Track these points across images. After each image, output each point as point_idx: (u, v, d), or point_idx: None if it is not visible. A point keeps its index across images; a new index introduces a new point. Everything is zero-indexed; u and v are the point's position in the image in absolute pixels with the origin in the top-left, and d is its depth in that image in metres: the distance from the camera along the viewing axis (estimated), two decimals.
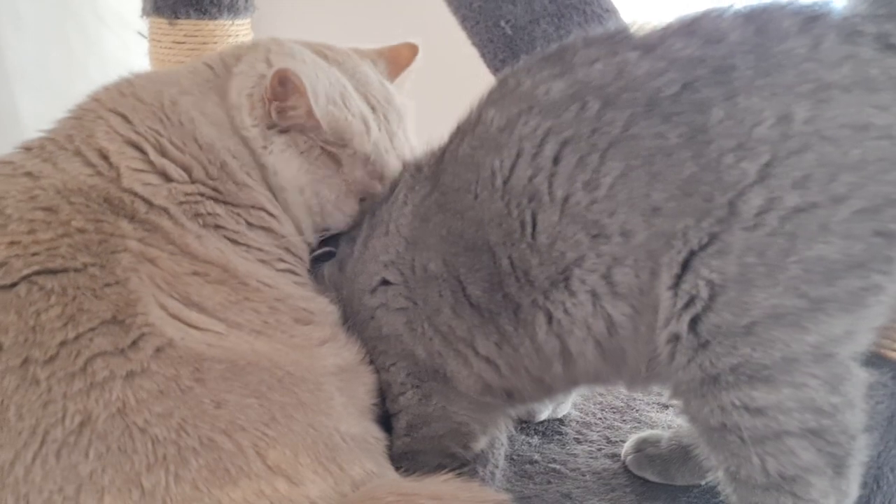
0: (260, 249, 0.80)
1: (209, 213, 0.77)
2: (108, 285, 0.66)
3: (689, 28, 0.66)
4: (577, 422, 1.02)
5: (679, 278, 0.62)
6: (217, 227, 0.77)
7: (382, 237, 0.80)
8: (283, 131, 0.83)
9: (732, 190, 0.60)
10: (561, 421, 1.02)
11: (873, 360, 0.65)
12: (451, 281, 0.74)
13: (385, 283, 0.79)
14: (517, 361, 0.74)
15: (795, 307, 0.60)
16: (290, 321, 0.77)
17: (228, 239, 0.78)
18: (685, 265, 0.62)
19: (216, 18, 1.17)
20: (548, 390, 0.80)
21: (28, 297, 0.63)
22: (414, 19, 1.03)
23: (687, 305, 0.62)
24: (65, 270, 0.65)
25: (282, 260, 0.83)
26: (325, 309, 0.83)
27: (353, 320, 0.83)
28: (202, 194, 0.78)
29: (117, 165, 0.75)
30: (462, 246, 0.72)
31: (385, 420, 0.84)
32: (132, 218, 0.72)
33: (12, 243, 0.65)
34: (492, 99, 0.74)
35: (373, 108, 0.89)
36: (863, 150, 0.59)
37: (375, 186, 0.88)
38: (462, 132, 0.76)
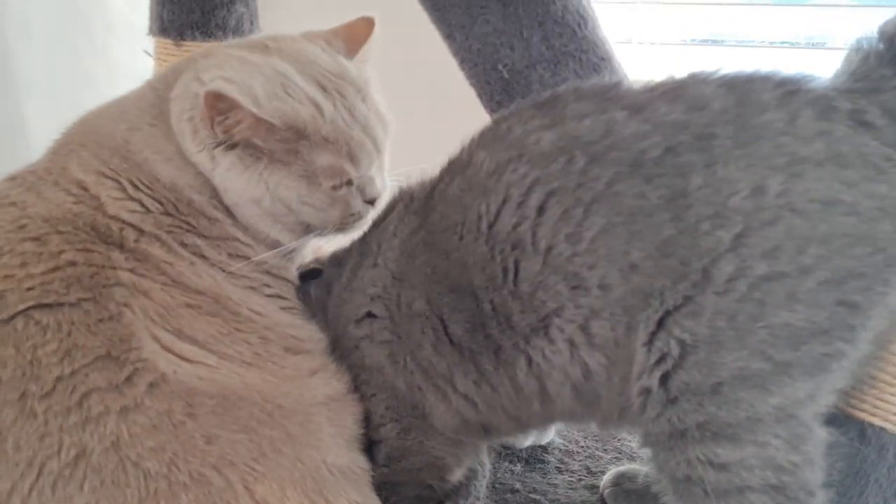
0: (246, 277, 0.82)
1: (193, 244, 0.79)
2: (101, 321, 0.68)
3: (676, 92, 0.70)
4: (560, 450, 1.05)
5: (653, 335, 0.66)
6: (203, 257, 0.79)
7: (370, 269, 0.82)
8: (231, 147, 0.79)
9: (707, 256, 0.63)
10: (544, 448, 1.04)
11: (835, 418, 0.68)
12: (433, 319, 0.76)
13: (371, 315, 0.82)
14: (495, 400, 0.77)
15: (761, 370, 0.63)
16: (281, 351, 0.80)
17: (217, 267, 0.80)
18: (660, 323, 0.65)
19: (221, 40, 1.19)
20: (524, 427, 0.83)
21: (25, 332, 0.65)
22: (419, 24, 1.04)
23: (658, 362, 0.65)
24: (59, 305, 0.67)
25: (267, 285, 0.84)
26: (314, 336, 0.85)
27: (337, 345, 0.86)
28: (181, 227, 0.79)
29: (97, 195, 0.76)
30: (446, 286, 0.75)
31: (370, 448, 0.86)
32: (122, 247, 0.74)
33: (6, 277, 0.67)
34: (483, 142, 0.77)
35: (323, 88, 0.82)
36: (830, 225, 0.62)
37: (347, 168, 0.82)
38: (452, 172, 0.78)
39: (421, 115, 0.95)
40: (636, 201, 0.66)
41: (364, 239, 0.87)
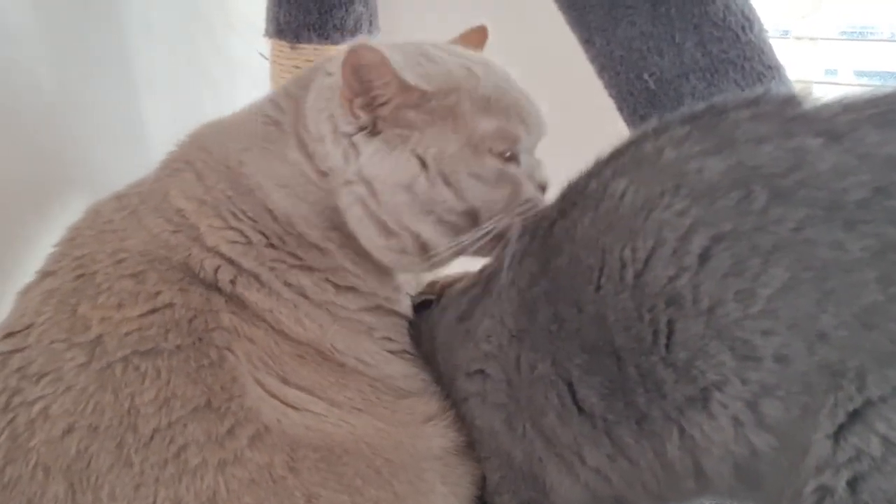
0: (353, 319, 0.74)
1: (297, 284, 0.72)
2: (202, 367, 0.63)
3: (887, 116, 0.55)
4: None
5: (844, 427, 0.52)
6: (307, 297, 0.72)
7: (486, 318, 0.71)
8: (375, 133, 0.70)
9: None
10: None
11: None
12: (559, 384, 0.65)
13: (483, 372, 0.71)
14: (634, 476, 0.65)
15: None
16: (392, 398, 0.73)
17: (323, 308, 0.73)
18: (856, 414, 0.52)
19: (338, 43, 1.13)
20: (666, 503, 0.71)
21: (124, 378, 0.62)
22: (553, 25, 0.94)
23: (850, 461, 0.52)
24: (158, 352, 0.63)
25: (374, 328, 0.76)
26: (429, 388, 0.77)
27: (448, 393, 0.77)
28: (284, 262, 0.72)
29: (196, 224, 0.70)
30: (577, 345, 0.63)
31: None
32: (219, 290, 0.68)
33: (104, 319, 0.64)
34: (622, 168, 0.64)
35: (469, 62, 0.74)
36: None
37: (518, 130, 0.72)
38: (581, 205, 0.65)
39: (552, 128, 0.83)
40: (832, 253, 0.52)
41: (481, 275, 0.76)
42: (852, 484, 0.52)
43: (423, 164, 0.69)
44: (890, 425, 0.50)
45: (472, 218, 0.72)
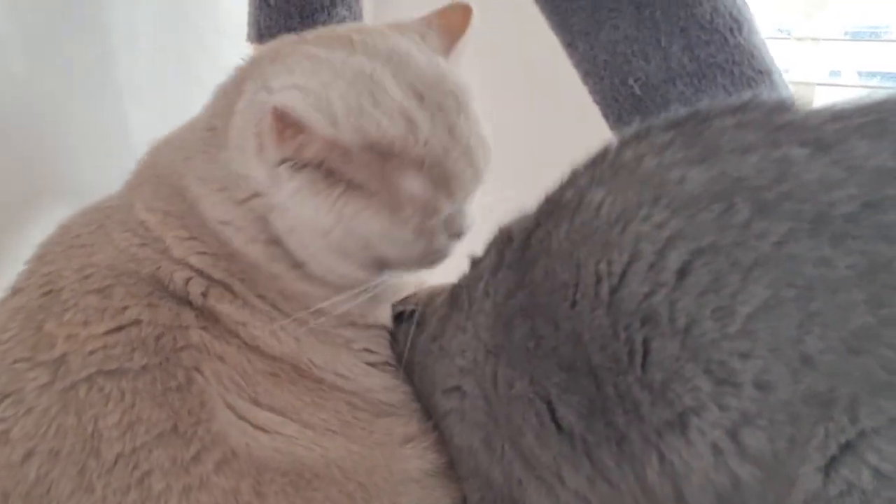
0: (329, 332, 0.72)
1: (271, 296, 0.69)
2: (168, 390, 0.61)
3: (879, 126, 0.51)
4: None
5: (836, 460, 0.48)
6: (280, 310, 0.69)
7: (459, 334, 0.68)
8: (301, 166, 0.64)
9: None
10: None
11: None
12: (537, 403, 0.62)
13: (460, 389, 0.68)
14: (615, 500, 0.62)
15: None
16: (370, 416, 0.70)
17: (297, 322, 0.70)
18: (847, 446, 0.48)
19: None
20: None
21: (87, 399, 0.59)
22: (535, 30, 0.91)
23: (842, 495, 0.48)
24: (123, 372, 0.60)
25: (352, 340, 0.74)
26: (408, 402, 0.75)
27: (427, 410, 0.74)
28: (243, 280, 0.69)
29: (161, 236, 0.67)
30: (555, 363, 0.60)
31: None
32: (190, 304, 0.66)
33: (70, 336, 0.61)
34: (600, 176, 0.60)
35: (419, 97, 0.66)
36: None
37: (440, 201, 0.67)
38: (556, 216, 0.62)
39: (533, 134, 0.79)
40: (817, 270, 0.49)
41: (456, 287, 0.73)
42: None
43: (341, 217, 0.65)
44: (882, 457, 0.47)
45: (386, 264, 0.70)
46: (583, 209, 0.59)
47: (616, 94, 0.82)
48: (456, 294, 0.72)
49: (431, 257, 0.71)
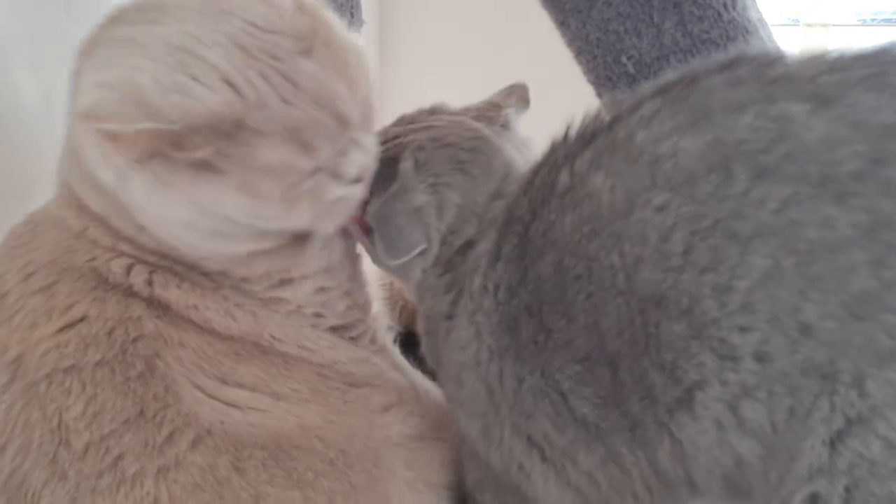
0: (283, 300, 0.69)
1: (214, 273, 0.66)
2: (129, 379, 0.60)
3: (882, 78, 0.48)
4: None
5: (842, 433, 0.47)
6: (226, 286, 0.67)
7: (461, 328, 0.66)
8: (143, 162, 0.57)
9: None
10: None
11: None
12: (551, 395, 0.60)
13: (459, 380, 0.67)
14: (624, 486, 0.60)
15: None
16: (343, 385, 0.70)
17: (251, 298, 0.67)
18: (858, 419, 0.46)
19: None
20: None
21: (49, 394, 0.59)
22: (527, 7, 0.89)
23: (851, 467, 0.46)
24: (80, 368, 0.60)
25: (291, 303, 0.70)
26: (383, 373, 0.74)
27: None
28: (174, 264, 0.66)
29: (84, 228, 0.64)
30: (569, 357, 0.58)
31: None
32: (135, 294, 0.63)
33: (21, 340, 0.61)
34: (598, 157, 0.57)
35: (244, 50, 0.57)
36: None
37: (299, 161, 0.58)
38: (557, 205, 0.59)
39: (532, 114, 0.78)
40: (817, 231, 0.47)
41: (442, 261, 0.69)
42: (849, 490, 0.47)
43: (200, 206, 0.59)
44: (891, 426, 0.45)
45: (281, 233, 0.64)
46: (585, 199, 0.57)
47: (609, 72, 0.81)
48: (453, 281, 0.69)
49: (333, 211, 0.64)
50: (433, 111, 0.78)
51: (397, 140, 0.73)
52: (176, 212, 0.59)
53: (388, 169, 0.69)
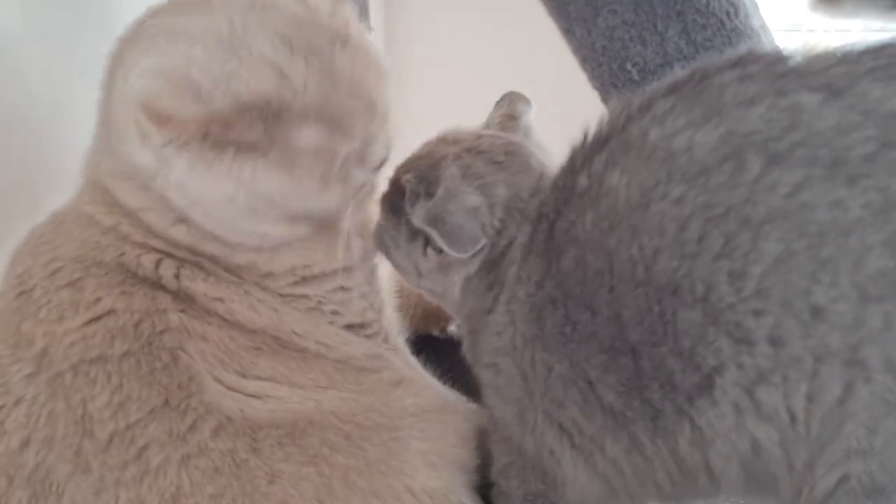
0: (304, 296, 0.71)
1: (237, 269, 0.68)
2: (154, 371, 0.61)
3: (890, 69, 0.50)
4: None
5: (882, 418, 0.47)
6: (250, 281, 0.69)
7: (498, 315, 0.68)
8: (185, 144, 0.61)
9: None
10: None
11: None
12: (579, 383, 0.62)
13: (496, 366, 0.68)
14: (646, 474, 0.61)
15: None
16: (357, 374, 0.72)
17: (270, 293, 0.69)
18: (891, 404, 0.47)
19: None
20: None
21: (74, 385, 0.60)
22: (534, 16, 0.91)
23: (886, 446, 0.47)
24: (106, 358, 0.61)
25: (315, 300, 0.73)
26: (392, 363, 0.75)
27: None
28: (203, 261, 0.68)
29: (115, 224, 0.66)
30: (595, 347, 0.60)
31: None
32: (163, 287, 0.65)
33: (46, 334, 0.62)
34: (613, 157, 0.59)
35: (289, 43, 0.62)
36: None
37: (336, 144, 0.64)
38: (578, 204, 0.61)
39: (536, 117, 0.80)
40: (829, 213, 0.48)
41: (486, 263, 0.71)
42: (884, 466, 0.48)
43: (240, 181, 0.62)
44: None
45: (310, 217, 0.68)
46: (603, 196, 0.58)
47: (614, 79, 0.83)
48: (487, 273, 0.71)
49: (357, 195, 0.70)
50: (445, 139, 0.78)
51: (429, 158, 0.74)
52: (217, 187, 0.63)
53: (425, 181, 0.71)
